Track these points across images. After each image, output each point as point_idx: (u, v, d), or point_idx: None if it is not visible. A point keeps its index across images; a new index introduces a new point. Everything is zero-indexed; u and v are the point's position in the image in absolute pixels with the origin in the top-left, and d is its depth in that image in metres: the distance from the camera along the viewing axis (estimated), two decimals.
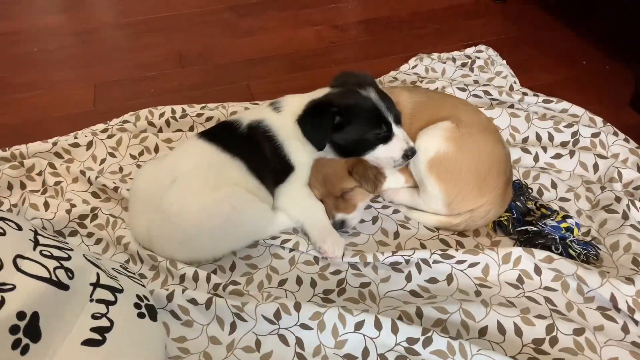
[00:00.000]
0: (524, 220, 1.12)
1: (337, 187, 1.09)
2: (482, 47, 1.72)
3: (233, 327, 0.94)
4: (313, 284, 1.03)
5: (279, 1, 2.11)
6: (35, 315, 0.67)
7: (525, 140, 1.34)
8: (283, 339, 0.92)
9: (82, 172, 1.23)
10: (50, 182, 1.24)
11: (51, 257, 0.74)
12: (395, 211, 1.17)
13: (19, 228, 0.75)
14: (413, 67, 1.63)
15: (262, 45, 1.83)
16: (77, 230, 1.13)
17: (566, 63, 1.68)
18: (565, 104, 1.41)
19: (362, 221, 1.14)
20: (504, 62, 1.67)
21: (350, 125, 1.06)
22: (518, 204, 1.13)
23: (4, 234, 0.72)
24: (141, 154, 1.34)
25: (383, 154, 1.07)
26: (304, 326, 0.92)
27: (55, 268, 0.72)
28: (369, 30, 1.89)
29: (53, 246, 0.76)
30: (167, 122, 1.42)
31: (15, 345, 0.65)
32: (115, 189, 1.20)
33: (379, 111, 1.06)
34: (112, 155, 1.34)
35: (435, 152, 1.07)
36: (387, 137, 1.06)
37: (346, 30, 1.89)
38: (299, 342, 0.91)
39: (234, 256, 1.08)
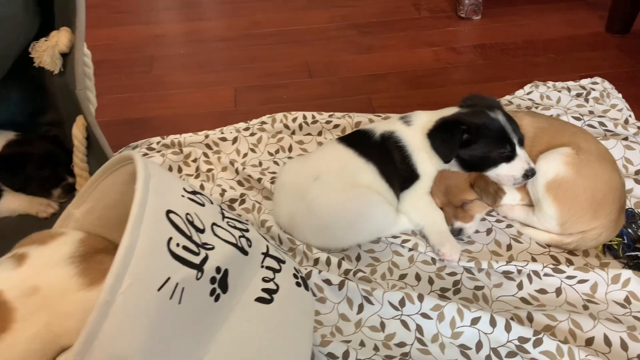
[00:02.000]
0: (634, 246, 1.19)
1: (458, 198, 1.21)
2: (597, 79, 1.77)
3: (361, 308, 1.08)
4: (430, 281, 1.15)
5: (399, 23, 2.25)
6: (226, 272, 0.84)
7: (638, 172, 1.40)
8: (405, 324, 1.05)
9: (231, 163, 1.43)
10: (203, 168, 1.45)
11: (235, 227, 0.91)
12: (509, 226, 1.26)
13: (210, 202, 0.94)
14: (528, 93, 1.71)
15: (382, 62, 1.98)
16: (229, 211, 1.33)
17: None
18: None
19: (476, 232, 1.25)
20: (620, 95, 1.71)
21: (477, 143, 1.18)
22: (629, 230, 1.19)
23: (203, 205, 0.90)
24: (277, 151, 1.53)
25: (505, 172, 1.18)
26: (425, 315, 1.04)
27: (239, 237, 0.90)
28: (485, 55, 1.99)
29: (234, 219, 0.94)
30: (300, 126, 1.60)
31: (212, 293, 0.82)
32: (259, 179, 1.39)
33: (505, 132, 1.17)
34: (252, 150, 1.53)
35: (554, 175, 1.16)
36: (510, 156, 1.17)
37: (463, 53, 2.00)
38: (419, 329, 1.04)
39: (359, 248, 1.23)
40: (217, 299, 0.83)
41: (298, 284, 0.95)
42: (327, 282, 1.11)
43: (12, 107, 1.46)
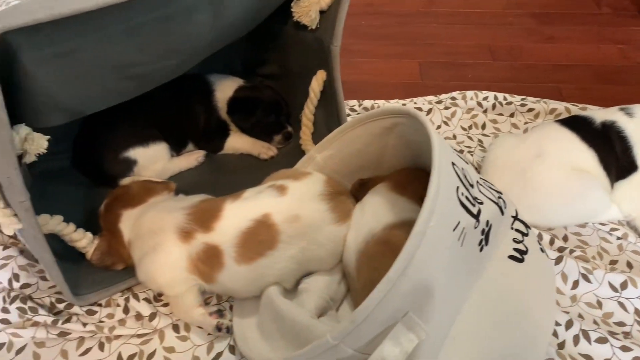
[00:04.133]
0: None
1: None
2: None
3: (575, 284, 1.12)
4: None
5: (579, 16, 2.20)
6: (490, 226, 0.92)
7: None
8: (622, 306, 1.08)
9: None
10: None
11: (490, 189, 0.98)
12: None
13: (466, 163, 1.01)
14: None
15: (566, 53, 1.97)
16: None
17: None
18: None
19: None
20: None
21: None
22: None
23: (467, 163, 0.97)
24: (470, 127, 1.58)
25: None
26: None
27: (498, 197, 0.97)
28: None
29: (487, 182, 1.01)
30: (493, 106, 1.63)
31: (479, 243, 0.89)
32: (460, 151, 1.45)
33: None
34: (445, 123, 1.59)
35: None
36: None
37: None
38: (637, 312, 1.07)
39: (565, 230, 1.26)
40: (481, 249, 0.91)
41: (542, 250, 1.01)
42: None
43: (232, 56, 1.60)
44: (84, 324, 1.03)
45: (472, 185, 0.91)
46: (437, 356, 0.82)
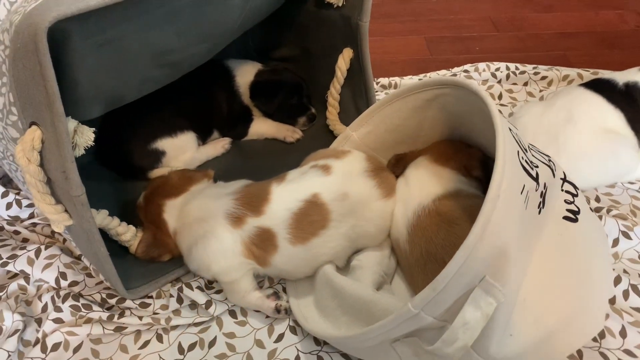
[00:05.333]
0: None
1: None
2: None
3: (616, 242, 1.15)
4: None
5: None
6: (546, 189, 0.93)
7: None
8: None
9: None
10: None
11: (540, 153, 1.00)
12: None
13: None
14: None
15: (567, 21, 2.00)
16: None
17: None
18: None
19: None
20: None
21: None
22: None
23: (517, 128, 0.98)
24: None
25: None
26: None
27: (548, 160, 0.98)
28: None
29: (534, 146, 1.02)
30: (507, 76, 1.65)
31: (539, 205, 0.91)
32: None
33: None
34: None
35: None
36: None
37: None
38: None
39: (596, 191, 1.29)
40: (540, 212, 0.92)
41: (591, 209, 1.03)
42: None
43: (246, 41, 1.59)
44: (140, 317, 1.02)
45: (526, 150, 0.92)
46: (511, 318, 0.83)
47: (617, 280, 1.06)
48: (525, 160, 0.87)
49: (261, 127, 1.44)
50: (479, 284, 0.78)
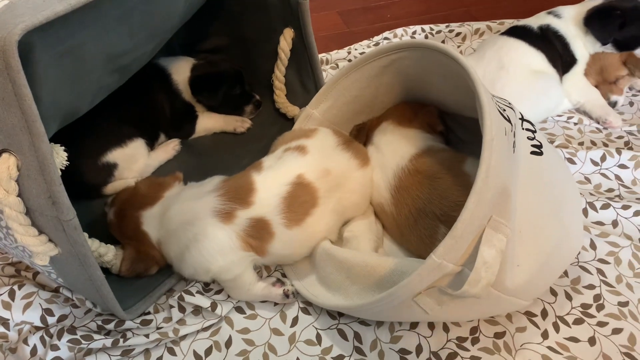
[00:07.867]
0: None
1: (613, 75, 1.41)
2: None
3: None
4: (604, 144, 1.36)
5: None
6: (514, 129, 1.01)
7: None
8: (605, 176, 1.26)
9: None
10: None
11: (500, 98, 1.07)
12: None
13: None
14: None
15: None
16: None
17: None
18: None
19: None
20: None
21: (631, 25, 1.37)
22: None
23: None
24: None
25: None
26: (622, 166, 1.25)
27: (508, 102, 1.06)
28: None
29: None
30: (425, 37, 1.74)
31: (513, 145, 0.98)
32: None
33: None
34: None
35: None
36: None
37: None
38: (617, 177, 1.25)
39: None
40: (514, 150, 1.00)
41: (550, 142, 1.13)
42: None
43: (172, 37, 1.52)
44: (146, 335, 0.97)
45: (493, 96, 1.00)
46: (514, 250, 0.90)
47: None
48: (497, 104, 0.94)
49: (208, 122, 1.40)
50: (487, 224, 0.84)
